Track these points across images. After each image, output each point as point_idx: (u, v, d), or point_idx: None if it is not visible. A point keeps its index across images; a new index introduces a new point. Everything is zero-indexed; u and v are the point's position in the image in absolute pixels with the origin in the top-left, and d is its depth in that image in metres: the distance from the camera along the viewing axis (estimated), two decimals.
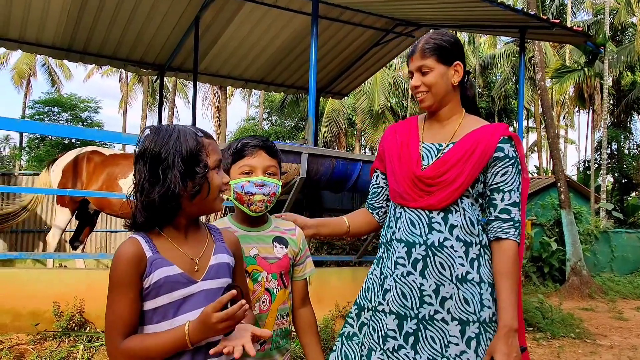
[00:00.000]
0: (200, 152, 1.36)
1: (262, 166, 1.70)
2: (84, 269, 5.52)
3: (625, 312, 8.16)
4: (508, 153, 1.74)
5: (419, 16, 7.13)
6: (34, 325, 3.82)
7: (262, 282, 1.68)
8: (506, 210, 1.72)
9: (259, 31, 7.72)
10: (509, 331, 1.61)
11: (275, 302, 1.70)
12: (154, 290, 1.31)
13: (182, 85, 28.20)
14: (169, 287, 1.32)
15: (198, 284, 1.36)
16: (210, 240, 1.45)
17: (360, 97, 23.75)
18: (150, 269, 1.31)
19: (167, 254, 1.35)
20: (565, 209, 10.26)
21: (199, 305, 1.33)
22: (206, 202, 1.38)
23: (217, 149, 1.43)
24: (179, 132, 1.36)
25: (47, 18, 6.88)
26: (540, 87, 10.58)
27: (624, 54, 20.86)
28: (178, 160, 1.31)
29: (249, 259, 1.67)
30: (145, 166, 1.33)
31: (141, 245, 1.33)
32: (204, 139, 1.39)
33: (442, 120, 1.87)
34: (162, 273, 1.31)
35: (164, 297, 1.32)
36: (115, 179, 5.80)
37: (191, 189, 1.33)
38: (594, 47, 8.11)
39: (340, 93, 10.28)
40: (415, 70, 1.82)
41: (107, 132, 7.62)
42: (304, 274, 1.82)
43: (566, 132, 32.69)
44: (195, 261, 1.38)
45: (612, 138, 24.40)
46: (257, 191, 1.67)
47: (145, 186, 1.32)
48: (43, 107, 24.32)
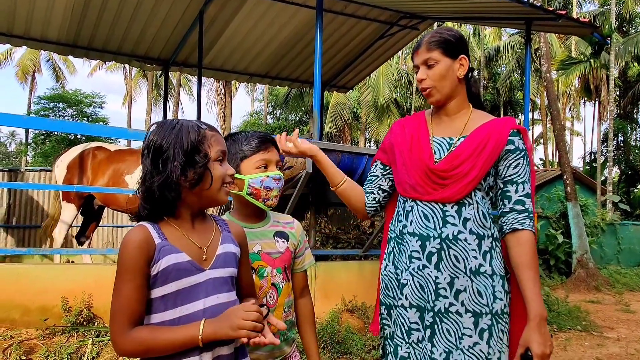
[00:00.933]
0: (202, 143, 1.37)
1: (275, 160, 1.73)
2: (92, 264, 5.55)
3: (632, 305, 8.14)
4: (518, 146, 1.77)
5: (423, 8, 7.09)
6: (43, 320, 3.85)
7: (268, 277, 1.69)
8: (521, 201, 1.75)
9: (263, 25, 7.70)
10: (541, 320, 1.63)
11: (282, 296, 1.72)
12: (162, 277, 1.31)
13: (187, 80, 28.23)
14: (178, 274, 1.32)
15: (206, 272, 1.37)
16: (217, 230, 1.47)
17: (365, 91, 23.68)
18: (159, 255, 1.31)
19: (175, 241, 1.35)
20: (572, 202, 10.22)
21: (207, 294, 1.35)
22: (209, 193, 1.38)
23: (221, 141, 1.44)
24: (181, 125, 1.38)
25: (51, 14, 6.88)
26: (546, 79, 10.52)
27: (631, 45, 20.68)
28: (179, 151, 1.33)
29: (253, 256, 1.68)
30: (149, 158, 1.35)
31: (149, 231, 1.33)
32: (206, 131, 1.41)
33: (451, 114, 1.87)
34: (171, 260, 1.31)
35: (172, 284, 1.31)
36: (122, 174, 5.82)
37: (192, 179, 1.33)
38: (601, 39, 8.06)
39: (345, 87, 10.25)
40: (421, 64, 1.82)
41: (112, 127, 7.64)
42: (303, 266, 1.84)
43: (572, 124, 32.54)
44: (203, 250, 1.39)
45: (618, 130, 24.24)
46: (275, 185, 1.70)
47: (148, 177, 1.34)
48: (48, 103, 24.40)
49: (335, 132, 25.43)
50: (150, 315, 1.33)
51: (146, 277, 1.30)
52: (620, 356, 5.24)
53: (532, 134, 33.53)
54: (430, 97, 1.83)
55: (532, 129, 32.77)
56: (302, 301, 1.85)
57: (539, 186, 14.18)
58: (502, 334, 1.71)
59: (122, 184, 5.75)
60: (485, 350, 1.67)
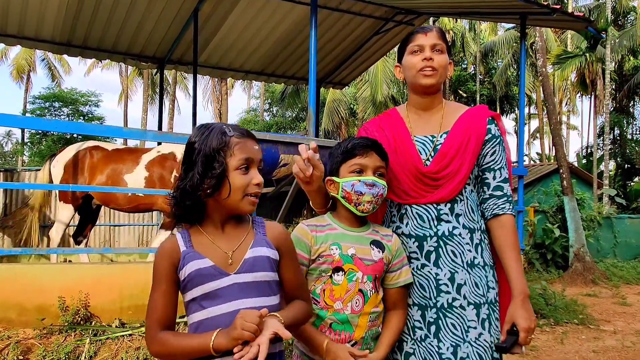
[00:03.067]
0: (222, 150, 1.37)
1: (373, 166, 1.70)
2: (89, 263, 5.55)
3: (629, 298, 8.17)
4: (495, 133, 1.84)
5: (418, 4, 7.09)
6: (40, 320, 3.85)
7: (357, 282, 1.66)
8: (499, 187, 1.82)
9: (259, 22, 7.69)
10: (525, 297, 1.69)
11: (368, 305, 1.68)
12: (188, 283, 1.38)
13: (183, 77, 28.13)
14: (201, 279, 1.37)
15: (230, 277, 1.39)
16: (250, 234, 1.46)
17: (362, 87, 23.65)
18: (184, 262, 1.38)
19: (201, 248, 1.40)
20: (568, 195, 10.25)
21: (233, 298, 1.38)
22: (229, 203, 1.39)
23: (249, 148, 1.42)
24: (211, 130, 1.40)
25: (45, 13, 6.86)
26: (542, 74, 10.53)
27: (626, 39, 20.69)
28: (201, 157, 1.36)
29: (345, 257, 1.66)
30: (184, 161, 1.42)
31: (177, 241, 1.41)
32: (232, 137, 1.40)
33: (430, 108, 1.89)
34: (194, 266, 1.37)
35: (197, 289, 1.37)
36: (120, 173, 5.80)
37: (208, 187, 1.36)
38: (595, 33, 8.06)
39: (341, 83, 10.25)
40: (429, 46, 1.81)
41: (108, 126, 7.63)
42: (397, 282, 1.75)
43: (568, 118, 32.51)
44: (228, 255, 1.41)
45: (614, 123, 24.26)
46: (367, 191, 1.67)
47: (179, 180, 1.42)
48: (44, 102, 24.34)
49: (332, 128, 25.41)
50: (189, 316, 1.42)
51: (175, 283, 1.40)
52: (616, 349, 5.27)
53: (528, 129, 33.60)
54: (429, 79, 1.80)
55: (529, 123, 32.84)
56: (392, 312, 1.76)
57: (535, 180, 14.22)
58: (497, 321, 1.77)
59: (121, 183, 5.74)
60: (489, 339, 1.73)
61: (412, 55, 1.84)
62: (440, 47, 1.81)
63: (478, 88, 25.10)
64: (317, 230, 1.71)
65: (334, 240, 1.68)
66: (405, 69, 1.88)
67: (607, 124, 16.67)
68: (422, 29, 1.85)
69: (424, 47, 1.81)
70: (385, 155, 1.73)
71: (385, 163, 1.73)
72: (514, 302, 1.69)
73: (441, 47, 1.82)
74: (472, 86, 25.97)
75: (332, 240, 1.68)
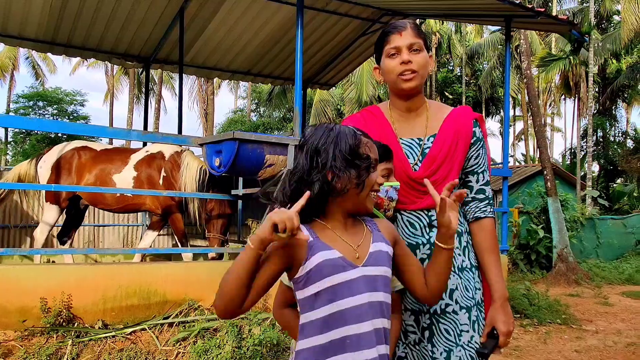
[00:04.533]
0: (360, 146, 1.40)
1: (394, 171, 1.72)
2: (72, 264, 5.49)
3: (611, 298, 8.29)
4: (479, 136, 1.82)
5: (405, 6, 7.12)
6: (22, 322, 3.80)
7: None
8: (482, 190, 1.82)
9: (245, 22, 7.68)
10: (504, 300, 1.71)
11: None
12: (315, 274, 1.34)
13: (169, 77, 27.96)
14: (330, 270, 1.34)
15: (359, 269, 1.38)
16: (367, 230, 1.48)
17: (348, 88, 23.69)
18: (312, 252, 1.34)
19: (327, 240, 1.38)
20: (552, 197, 10.36)
21: (360, 291, 1.36)
22: (360, 199, 1.41)
23: (374, 149, 1.46)
24: (339, 128, 1.42)
25: (29, 11, 6.78)
26: (527, 76, 10.64)
27: (609, 42, 20.97)
28: (339, 153, 1.36)
29: None
30: (306, 158, 1.39)
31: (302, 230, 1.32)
32: (362, 137, 1.43)
33: (413, 109, 1.82)
34: (323, 256, 1.34)
35: (325, 280, 1.34)
36: (109, 174, 5.76)
37: (354, 182, 1.36)
38: (579, 36, 8.17)
39: (328, 84, 10.27)
40: (405, 47, 1.72)
41: (92, 126, 7.56)
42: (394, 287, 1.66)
43: (552, 120, 32.92)
44: (355, 248, 1.41)
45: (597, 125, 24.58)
46: (396, 197, 1.69)
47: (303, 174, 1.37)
48: (28, 102, 24.06)
49: None
50: (305, 314, 1.37)
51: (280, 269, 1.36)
52: (598, 348, 5.34)
53: (514, 130, 33.91)
54: (410, 82, 1.73)
55: (514, 125, 33.13)
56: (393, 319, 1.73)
57: (520, 182, 14.35)
58: (483, 321, 1.78)
59: (110, 184, 5.69)
60: (479, 340, 1.73)
61: (389, 58, 1.75)
62: (418, 45, 1.72)
63: (464, 90, 25.28)
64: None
65: None
66: (385, 73, 1.80)
67: (590, 126, 16.88)
68: (396, 27, 1.74)
69: (401, 49, 1.72)
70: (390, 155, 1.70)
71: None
72: (494, 306, 1.71)
73: (418, 45, 1.72)
74: (458, 88, 26.15)
75: None
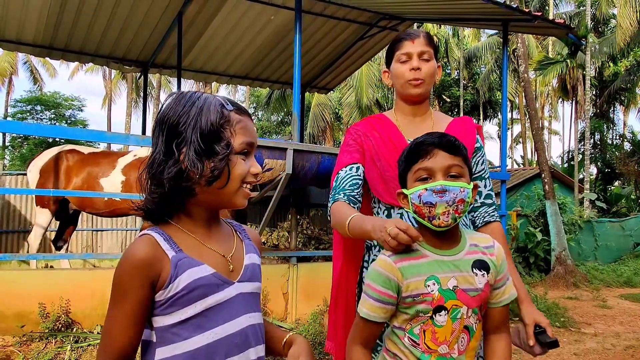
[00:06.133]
0: (224, 127, 1.10)
1: (442, 167, 1.36)
2: (70, 269, 5.48)
3: (609, 300, 8.29)
4: (481, 144, 1.89)
5: (402, 10, 7.15)
6: (20, 327, 3.79)
7: (462, 319, 1.35)
8: (489, 195, 1.86)
9: (243, 26, 7.69)
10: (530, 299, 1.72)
11: (474, 340, 1.39)
12: (183, 298, 1.06)
13: (167, 81, 27.96)
14: (202, 292, 1.07)
15: (235, 286, 1.13)
16: (237, 237, 1.24)
17: (346, 91, 23.74)
18: (176, 271, 1.05)
19: (192, 251, 1.10)
20: (550, 200, 10.38)
21: (239, 313, 1.13)
22: (224, 193, 1.12)
23: (251, 130, 1.16)
24: (204, 101, 1.11)
25: (27, 15, 6.78)
26: (524, 79, 10.67)
27: (606, 45, 21.08)
28: (196, 134, 1.07)
29: (447, 293, 1.33)
30: (162, 138, 1.10)
31: (159, 243, 1.07)
32: (232, 113, 1.13)
33: (419, 114, 1.88)
34: (192, 275, 1.06)
35: (196, 304, 1.07)
36: (96, 177, 5.75)
37: (208, 173, 1.07)
38: (576, 39, 8.21)
39: (326, 88, 10.28)
40: (416, 54, 1.79)
41: (91, 131, 7.56)
42: (502, 301, 1.44)
43: (550, 123, 33.00)
44: (228, 259, 1.15)
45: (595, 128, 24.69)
46: (438, 200, 1.33)
47: (157, 162, 1.09)
48: (25, 106, 24.03)
49: (317, 132, 25.44)
50: (169, 346, 1.06)
51: (146, 302, 1.05)
52: (597, 351, 5.34)
53: (511, 133, 33.97)
54: (418, 89, 1.80)
55: (512, 128, 33.19)
56: (494, 337, 1.47)
57: (518, 185, 14.37)
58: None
59: (98, 187, 5.68)
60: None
61: (400, 64, 1.81)
62: (428, 54, 1.80)
63: (462, 93, 25.35)
64: (402, 259, 1.36)
65: (429, 273, 1.34)
66: (394, 77, 1.85)
67: (588, 129, 16.92)
68: (409, 35, 1.82)
69: (412, 56, 1.79)
70: (458, 149, 1.39)
71: (463, 159, 1.39)
72: (525, 304, 1.68)
73: (429, 54, 1.80)
74: (456, 91, 26.23)
75: (427, 272, 1.34)
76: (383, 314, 1.36)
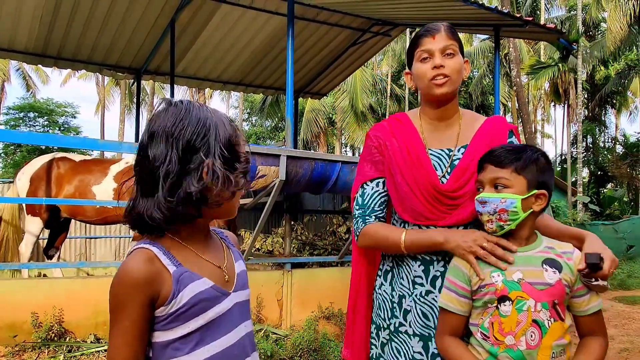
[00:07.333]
0: (238, 141, 1.11)
1: (489, 179, 1.48)
2: (62, 278, 5.45)
3: (603, 303, 8.30)
4: None
5: (395, 16, 7.18)
6: (12, 337, 3.76)
7: (529, 311, 1.38)
8: None
9: (236, 33, 7.70)
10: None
11: (548, 337, 1.38)
12: (185, 313, 1.04)
13: (161, 87, 27.93)
14: (203, 306, 1.07)
15: (231, 296, 1.13)
16: (224, 245, 1.23)
17: (340, 96, 23.80)
18: (178, 287, 1.04)
19: (191, 265, 1.09)
20: None
21: (236, 323, 1.13)
22: (230, 205, 1.13)
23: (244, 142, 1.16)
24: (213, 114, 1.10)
25: (19, 23, 6.76)
26: (516, 84, 10.74)
27: (597, 49, 21.25)
28: (219, 149, 1.06)
29: (511, 284, 1.40)
30: (173, 151, 1.04)
31: (158, 258, 1.05)
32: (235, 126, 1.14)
33: (446, 118, 1.70)
34: (194, 289, 1.05)
35: (198, 319, 1.06)
36: (88, 185, 5.72)
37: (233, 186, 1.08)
38: (567, 44, 8.26)
39: (319, 93, 10.29)
40: (438, 51, 1.61)
41: (83, 138, 7.54)
42: (588, 309, 1.46)
43: (543, 126, 33.14)
44: (223, 269, 1.15)
45: (587, 132, 24.85)
46: (481, 210, 1.46)
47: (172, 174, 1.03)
48: (18, 113, 23.93)
49: (310, 138, 25.49)
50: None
51: (147, 320, 1.03)
52: None
53: None
54: (442, 88, 1.61)
55: None
56: (589, 338, 1.49)
57: None
58: None
59: (89, 195, 5.65)
60: None
61: (421, 62, 1.64)
62: (452, 48, 1.62)
63: None
64: None
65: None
66: (416, 78, 1.68)
67: (580, 132, 17.04)
68: (429, 30, 1.64)
69: (433, 53, 1.61)
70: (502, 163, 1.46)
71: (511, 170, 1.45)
72: (590, 237, 1.54)
73: (453, 48, 1.62)
74: None
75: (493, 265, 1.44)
76: (458, 305, 1.46)
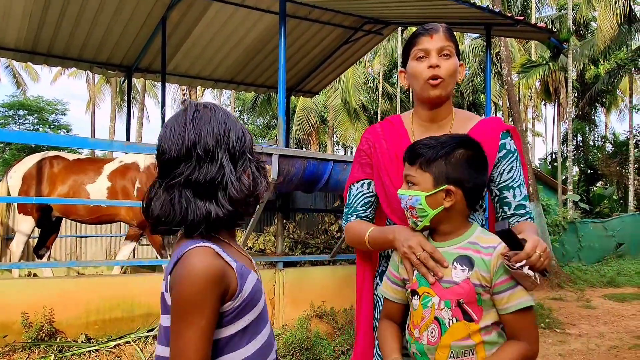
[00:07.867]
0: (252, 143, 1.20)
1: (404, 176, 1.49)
2: (53, 278, 5.41)
3: (593, 301, 8.39)
4: (510, 148, 1.67)
5: (387, 14, 7.18)
6: (2, 337, 3.73)
7: (433, 308, 1.38)
8: (521, 206, 1.65)
9: (227, 31, 7.67)
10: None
11: (447, 336, 1.35)
12: (247, 306, 1.08)
13: (152, 85, 27.78)
14: (257, 298, 1.12)
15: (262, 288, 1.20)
16: None
17: (332, 95, 23.80)
18: (242, 281, 1.08)
19: (239, 259, 1.13)
20: (534, 201, 10.49)
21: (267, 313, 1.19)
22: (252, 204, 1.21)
23: None
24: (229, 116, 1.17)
25: (8, 20, 6.70)
26: (507, 83, 10.79)
27: (587, 48, 21.37)
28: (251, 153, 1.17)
29: (421, 279, 1.41)
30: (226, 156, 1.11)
31: (221, 254, 1.07)
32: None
33: (437, 120, 1.70)
34: (250, 282, 1.10)
35: (254, 311, 1.11)
36: (82, 184, 5.69)
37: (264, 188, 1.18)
38: (557, 43, 8.31)
39: (311, 91, 10.28)
40: (435, 50, 1.60)
41: (73, 137, 7.49)
42: (508, 307, 1.33)
43: (533, 125, 33.35)
44: (254, 264, 1.21)
45: (577, 130, 25.00)
46: (402, 206, 1.49)
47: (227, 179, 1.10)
48: (8, 111, 23.71)
49: (302, 136, 25.47)
50: (228, 355, 1.08)
51: (217, 316, 1.05)
52: (581, 352, 5.40)
53: None
54: (435, 90, 1.61)
55: None
56: (507, 342, 1.36)
57: None
58: None
59: (83, 194, 5.62)
60: None
61: (417, 61, 1.62)
62: (449, 50, 1.60)
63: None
64: None
65: None
66: (410, 77, 1.67)
67: (570, 130, 17.15)
68: (427, 30, 1.62)
69: (430, 52, 1.60)
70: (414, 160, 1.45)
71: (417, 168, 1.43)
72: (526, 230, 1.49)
73: (449, 50, 1.61)
74: None
75: None
76: (392, 292, 1.53)
